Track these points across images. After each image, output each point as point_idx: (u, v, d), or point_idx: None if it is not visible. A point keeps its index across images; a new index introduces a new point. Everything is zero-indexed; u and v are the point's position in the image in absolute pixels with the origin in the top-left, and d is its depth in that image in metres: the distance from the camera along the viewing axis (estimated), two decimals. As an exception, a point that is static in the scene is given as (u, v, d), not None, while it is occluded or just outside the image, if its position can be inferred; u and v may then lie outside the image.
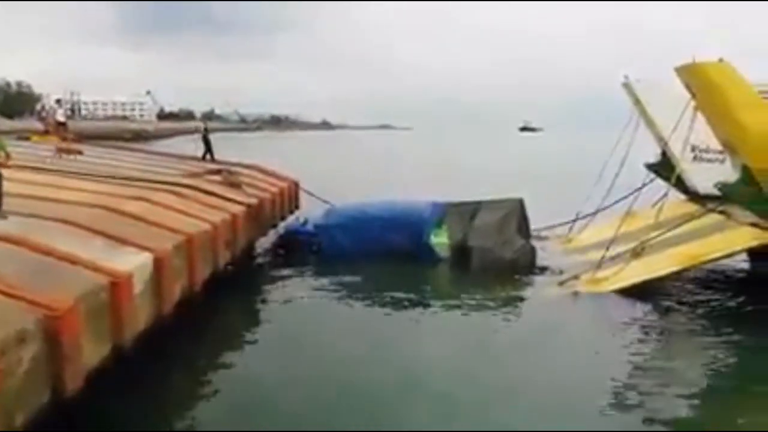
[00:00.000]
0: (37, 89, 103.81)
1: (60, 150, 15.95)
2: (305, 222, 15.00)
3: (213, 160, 17.68)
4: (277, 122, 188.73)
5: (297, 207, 16.56)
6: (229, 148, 27.72)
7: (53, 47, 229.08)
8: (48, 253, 6.10)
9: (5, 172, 7.42)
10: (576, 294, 11.43)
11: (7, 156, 7.47)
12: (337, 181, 23.62)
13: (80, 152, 16.31)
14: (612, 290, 11.27)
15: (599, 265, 12.03)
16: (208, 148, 18.07)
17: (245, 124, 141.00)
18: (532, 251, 13.59)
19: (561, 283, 11.99)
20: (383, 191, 17.87)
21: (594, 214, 15.99)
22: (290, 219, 15.57)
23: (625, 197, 15.17)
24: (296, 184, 17.02)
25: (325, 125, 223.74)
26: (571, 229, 16.30)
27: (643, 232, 12.66)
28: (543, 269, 13.20)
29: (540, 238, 15.46)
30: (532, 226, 14.95)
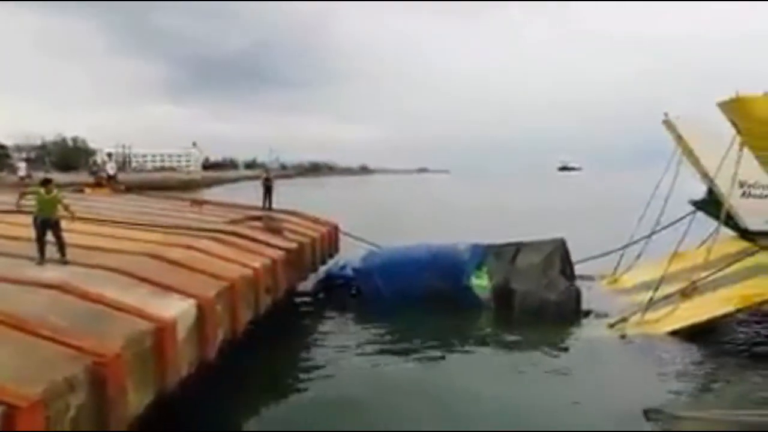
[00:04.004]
0: (91, 144, 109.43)
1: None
2: (344, 266, 15.04)
3: (270, 207, 17.71)
4: (316, 169, 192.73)
5: (337, 251, 16.67)
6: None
7: (104, 104, 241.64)
8: (96, 300, 6.28)
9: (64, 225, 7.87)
10: (626, 337, 11.02)
11: (66, 208, 7.91)
12: (374, 226, 23.68)
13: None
14: (663, 333, 10.85)
15: (648, 306, 11.63)
16: (269, 195, 18.14)
17: (285, 171, 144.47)
18: (578, 293, 13.18)
19: (610, 326, 11.59)
20: (420, 235, 17.81)
21: (635, 244, 15.60)
22: (330, 263, 15.66)
23: (667, 226, 14.88)
24: (336, 228, 17.16)
25: (364, 170, 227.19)
26: (616, 269, 15.86)
27: (692, 271, 12.21)
28: (589, 312, 12.78)
29: (584, 279, 15.05)
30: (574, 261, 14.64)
